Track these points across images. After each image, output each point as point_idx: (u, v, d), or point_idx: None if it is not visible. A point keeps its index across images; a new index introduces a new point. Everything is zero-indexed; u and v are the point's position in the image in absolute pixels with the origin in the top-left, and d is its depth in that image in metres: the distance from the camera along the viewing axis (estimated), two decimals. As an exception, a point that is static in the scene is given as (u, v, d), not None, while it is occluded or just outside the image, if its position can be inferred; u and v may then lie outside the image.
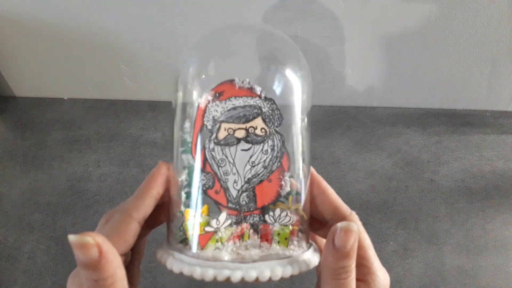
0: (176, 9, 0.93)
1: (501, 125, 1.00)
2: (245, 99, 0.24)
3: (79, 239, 0.18)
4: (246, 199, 0.24)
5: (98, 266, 0.19)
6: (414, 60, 0.98)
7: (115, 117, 1.04)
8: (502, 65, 0.97)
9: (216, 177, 0.24)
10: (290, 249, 0.24)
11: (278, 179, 0.25)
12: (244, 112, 0.24)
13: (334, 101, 1.07)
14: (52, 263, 0.67)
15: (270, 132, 0.24)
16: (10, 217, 0.76)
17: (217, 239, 0.24)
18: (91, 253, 0.18)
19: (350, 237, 0.21)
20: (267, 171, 0.24)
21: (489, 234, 0.71)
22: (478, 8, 0.88)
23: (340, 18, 0.92)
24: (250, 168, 0.24)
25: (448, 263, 0.67)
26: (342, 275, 0.22)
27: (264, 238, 0.24)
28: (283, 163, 0.25)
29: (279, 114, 0.24)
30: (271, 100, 0.24)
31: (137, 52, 1.01)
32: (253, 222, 0.24)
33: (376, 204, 0.77)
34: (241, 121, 0.24)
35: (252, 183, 0.24)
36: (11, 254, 0.69)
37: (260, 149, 0.24)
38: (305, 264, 0.23)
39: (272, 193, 0.25)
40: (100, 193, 0.81)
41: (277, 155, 0.24)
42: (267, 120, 0.24)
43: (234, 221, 0.24)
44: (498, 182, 0.82)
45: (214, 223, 0.23)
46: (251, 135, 0.24)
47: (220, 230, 0.24)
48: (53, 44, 1.02)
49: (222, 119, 0.24)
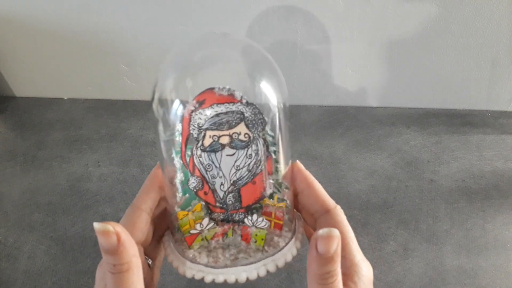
0: (176, 9, 0.93)
1: (501, 125, 1.00)
2: (227, 106, 0.25)
3: (102, 226, 0.20)
4: (232, 199, 0.26)
5: (116, 252, 0.21)
6: (414, 60, 0.98)
7: (115, 117, 1.04)
8: (502, 65, 0.97)
9: (205, 180, 0.26)
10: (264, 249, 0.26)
11: (262, 181, 0.26)
12: (227, 118, 0.25)
13: (334, 101, 1.07)
14: (52, 263, 0.67)
15: (254, 137, 0.25)
16: (10, 217, 0.76)
17: (202, 238, 0.26)
18: (111, 240, 0.20)
19: (332, 242, 0.21)
20: (251, 174, 0.26)
21: (489, 234, 0.71)
22: (478, 8, 0.88)
23: (340, 18, 0.92)
24: (235, 171, 0.26)
25: (448, 263, 0.67)
26: (328, 280, 0.22)
27: (243, 237, 0.26)
28: (267, 166, 0.26)
29: (262, 118, 0.25)
30: (253, 105, 0.25)
31: (137, 52, 1.01)
32: (239, 219, 0.27)
33: (376, 204, 0.77)
34: (225, 127, 0.25)
35: (237, 185, 0.26)
36: (11, 254, 0.69)
37: (244, 154, 0.25)
38: (272, 265, 0.26)
39: (255, 194, 0.26)
40: (100, 193, 0.81)
41: (260, 158, 0.26)
42: (250, 126, 0.25)
43: (222, 218, 0.27)
44: (498, 182, 0.82)
45: (199, 226, 0.26)
46: (235, 141, 0.25)
47: (204, 231, 0.26)
48: (53, 44, 1.02)
49: (206, 126, 0.25)
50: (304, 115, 1.04)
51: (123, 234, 0.21)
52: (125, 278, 0.21)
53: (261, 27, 0.94)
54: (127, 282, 0.21)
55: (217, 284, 0.25)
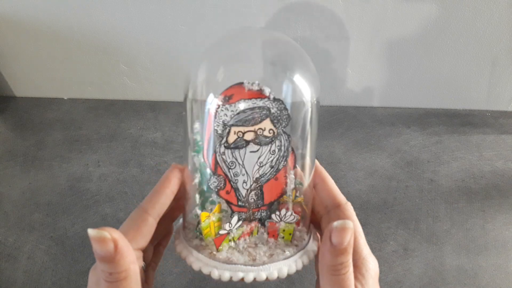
0: (176, 10, 0.93)
1: (501, 125, 1.00)
2: (254, 101, 0.24)
3: (97, 233, 0.19)
4: (255, 197, 0.26)
5: (113, 260, 0.20)
6: (414, 60, 0.98)
7: (115, 117, 1.04)
8: (502, 65, 0.97)
9: (227, 178, 0.25)
10: (294, 244, 0.26)
11: (284, 177, 0.26)
12: (253, 114, 0.25)
13: (334, 101, 1.07)
14: (52, 263, 0.67)
15: (278, 132, 0.25)
16: (10, 217, 0.76)
17: (230, 239, 0.25)
18: (108, 247, 0.19)
19: (346, 234, 0.22)
20: (273, 170, 0.25)
21: (489, 234, 0.71)
22: (478, 8, 0.88)
23: (340, 18, 0.92)
24: (258, 168, 0.25)
25: (448, 263, 0.67)
26: (341, 271, 0.22)
27: (271, 234, 0.26)
28: (289, 162, 0.26)
29: (287, 114, 0.25)
30: (279, 101, 0.25)
31: (137, 52, 1.01)
32: (261, 217, 0.26)
33: (376, 204, 0.77)
34: (250, 123, 0.25)
35: (260, 182, 0.26)
36: (11, 254, 0.69)
37: (268, 150, 0.25)
38: (306, 258, 0.25)
39: (278, 190, 0.26)
40: (100, 193, 0.81)
41: (283, 154, 0.25)
42: (275, 121, 0.25)
43: (244, 218, 0.26)
44: (498, 182, 0.82)
45: (227, 226, 0.25)
46: (259, 137, 0.25)
47: (232, 231, 0.25)
48: (53, 44, 1.02)
49: (232, 123, 0.25)
50: (304, 115, 1.04)
51: (120, 241, 0.20)
52: (122, 287, 0.20)
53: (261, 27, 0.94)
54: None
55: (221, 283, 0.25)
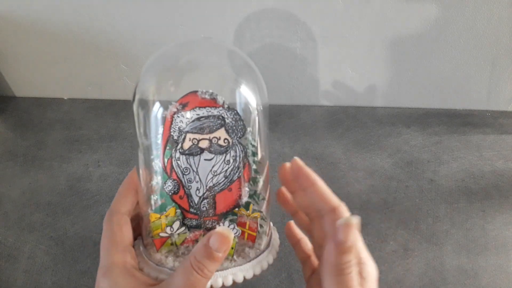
0: (176, 10, 0.93)
1: (501, 125, 1.00)
2: (208, 109, 0.25)
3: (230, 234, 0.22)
4: (207, 205, 0.26)
5: (220, 260, 0.22)
6: (414, 60, 0.98)
7: (115, 117, 1.04)
8: (502, 65, 0.97)
9: (181, 183, 0.26)
10: (233, 259, 0.26)
11: (238, 189, 0.26)
12: (208, 123, 0.25)
13: (334, 101, 1.07)
14: (52, 263, 0.67)
15: (233, 142, 0.25)
16: (10, 217, 0.76)
17: (172, 242, 0.25)
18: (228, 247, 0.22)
19: (351, 231, 0.22)
20: (227, 181, 0.26)
21: (489, 234, 0.71)
22: (478, 8, 0.88)
23: (340, 18, 0.92)
24: (212, 177, 0.26)
25: (448, 263, 0.67)
26: (346, 270, 0.22)
27: None
28: (244, 174, 0.26)
29: (242, 125, 0.25)
30: (234, 110, 0.25)
31: (137, 52, 1.01)
32: (211, 227, 0.26)
33: (376, 204, 0.77)
34: (205, 131, 0.25)
35: (213, 191, 0.26)
36: (11, 254, 0.69)
37: (222, 159, 0.25)
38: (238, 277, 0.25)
39: (230, 202, 0.26)
40: (100, 193, 0.81)
41: (238, 165, 0.26)
42: (230, 131, 0.25)
43: (194, 225, 0.26)
44: (498, 182, 0.82)
45: (169, 229, 0.25)
46: (214, 145, 0.25)
47: (173, 235, 0.25)
48: (53, 44, 1.02)
49: (187, 129, 0.25)
50: (304, 115, 1.04)
51: None
52: (205, 282, 0.22)
53: (261, 27, 0.94)
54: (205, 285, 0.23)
55: None
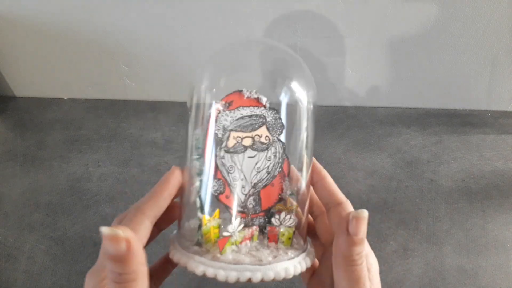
0: (177, 10, 0.93)
1: (501, 125, 1.00)
2: (251, 109, 0.26)
3: (111, 231, 0.19)
4: (253, 202, 0.26)
5: (125, 260, 0.19)
6: (414, 60, 0.98)
7: (115, 117, 1.04)
8: (502, 65, 0.97)
9: (226, 182, 0.26)
10: (294, 248, 0.26)
11: (280, 183, 0.27)
12: (250, 121, 0.26)
13: (334, 101, 1.07)
14: (52, 263, 0.67)
15: (273, 140, 0.26)
16: (10, 217, 0.76)
17: (233, 242, 0.25)
18: (120, 246, 0.19)
19: (363, 223, 0.22)
20: (270, 176, 0.26)
21: (489, 234, 0.71)
22: (478, 8, 0.88)
23: (340, 18, 0.92)
24: (256, 173, 0.26)
25: (448, 263, 0.67)
26: (358, 262, 0.23)
27: (271, 239, 0.26)
28: (284, 169, 0.27)
29: (281, 123, 0.26)
30: (274, 110, 0.26)
31: (137, 52, 1.01)
32: (259, 224, 0.26)
33: (376, 204, 0.77)
34: (248, 129, 0.26)
35: (257, 187, 0.26)
36: (11, 254, 0.69)
37: (264, 156, 0.26)
38: (309, 260, 0.26)
39: (274, 196, 0.27)
40: (100, 193, 0.81)
41: (278, 161, 0.26)
42: (271, 129, 0.26)
43: (243, 223, 0.26)
44: (498, 182, 0.82)
45: (230, 228, 0.25)
46: (256, 143, 0.26)
47: (235, 234, 0.25)
48: (53, 44, 1.02)
49: (231, 128, 0.26)
50: (304, 115, 1.04)
51: (133, 241, 0.19)
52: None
53: (261, 27, 0.94)
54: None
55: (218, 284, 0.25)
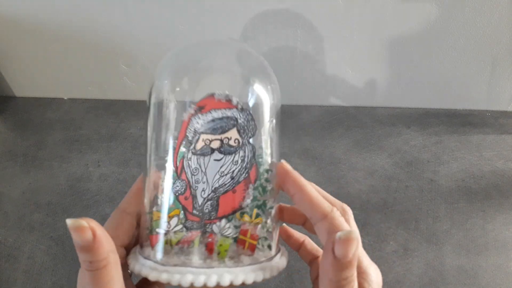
0: (176, 10, 0.93)
1: (501, 125, 1.00)
2: (223, 111, 0.25)
3: (75, 222, 0.20)
4: (210, 207, 0.25)
5: (92, 248, 0.20)
6: (414, 60, 0.98)
7: (115, 117, 1.04)
8: (502, 65, 0.97)
9: (189, 184, 0.25)
10: (225, 262, 0.23)
11: (243, 190, 0.25)
12: (221, 123, 0.25)
13: (334, 101, 1.07)
14: (52, 263, 0.67)
15: (243, 142, 0.25)
16: (10, 217, 0.76)
17: (167, 241, 0.24)
18: (86, 235, 0.20)
19: (351, 246, 0.20)
20: (233, 182, 0.25)
21: (489, 234, 0.71)
22: (478, 8, 0.88)
23: (340, 18, 0.92)
24: (218, 177, 0.25)
25: (448, 263, 0.67)
26: (346, 287, 0.20)
27: (208, 247, 0.24)
28: (251, 175, 0.25)
29: (253, 125, 0.25)
30: (247, 111, 0.25)
31: (137, 52, 1.01)
32: (208, 230, 0.25)
33: (376, 204, 0.77)
34: (217, 132, 0.25)
35: (218, 192, 0.25)
36: (11, 254, 0.69)
37: (231, 160, 0.25)
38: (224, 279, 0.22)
39: (234, 204, 0.25)
40: (100, 193, 0.81)
41: (246, 166, 0.25)
42: (242, 131, 0.25)
43: (195, 227, 0.25)
44: (498, 182, 0.82)
45: (165, 225, 0.24)
46: (224, 145, 0.25)
47: (170, 233, 0.24)
48: (53, 44, 1.02)
49: (202, 130, 0.25)
50: (304, 115, 1.04)
51: (98, 229, 0.20)
52: (103, 274, 0.20)
53: (261, 28, 0.94)
54: (105, 278, 0.21)
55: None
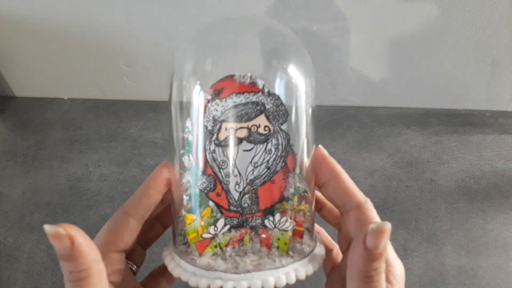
0: (177, 9, 0.93)
1: (501, 125, 1.00)
2: (246, 96, 0.22)
3: (52, 229, 0.18)
4: (248, 201, 0.23)
5: (71, 258, 0.19)
6: (414, 60, 0.98)
7: (115, 117, 1.04)
8: (502, 65, 0.97)
9: (218, 179, 0.23)
10: (289, 255, 0.22)
11: (282, 179, 0.23)
12: (246, 109, 0.22)
13: (334, 101, 1.07)
14: (52, 263, 0.67)
15: (274, 130, 0.23)
16: (10, 217, 0.76)
17: (215, 244, 0.22)
18: (63, 243, 0.18)
19: (383, 238, 0.20)
20: (270, 172, 0.23)
21: (489, 234, 0.71)
22: (478, 8, 0.88)
23: (340, 18, 0.92)
24: (252, 169, 0.23)
25: (448, 263, 0.67)
26: (374, 278, 0.20)
27: (263, 243, 0.23)
28: (288, 163, 0.23)
29: (284, 110, 0.23)
30: (275, 95, 0.22)
31: (137, 52, 1.01)
32: (255, 225, 0.23)
33: (376, 204, 0.76)
34: (243, 119, 0.22)
35: (254, 184, 0.23)
36: (11, 254, 0.69)
37: (263, 149, 0.23)
38: (310, 267, 0.22)
39: (275, 195, 0.23)
40: (100, 193, 0.81)
41: (281, 154, 0.23)
42: (271, 117, 0.22)
43: (236, 224, 0.23)
44: (498, 182, 0.82)
45: (212, 229, 0.22)
46: (253, 134, 0.22)
47: (218, 236, 0.22)
48: (53, 44, 1.02)
49: (223, 118, 0.22)
50: (304, 115, 1.04)
51: (78, 237, 0.19)
52: (83, 287, 0.19)
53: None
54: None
55: None
